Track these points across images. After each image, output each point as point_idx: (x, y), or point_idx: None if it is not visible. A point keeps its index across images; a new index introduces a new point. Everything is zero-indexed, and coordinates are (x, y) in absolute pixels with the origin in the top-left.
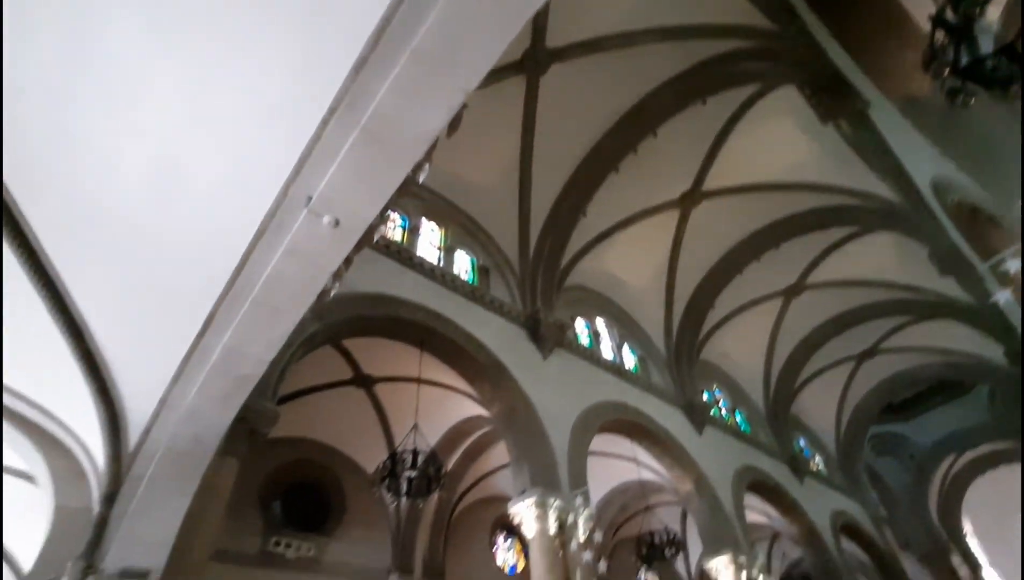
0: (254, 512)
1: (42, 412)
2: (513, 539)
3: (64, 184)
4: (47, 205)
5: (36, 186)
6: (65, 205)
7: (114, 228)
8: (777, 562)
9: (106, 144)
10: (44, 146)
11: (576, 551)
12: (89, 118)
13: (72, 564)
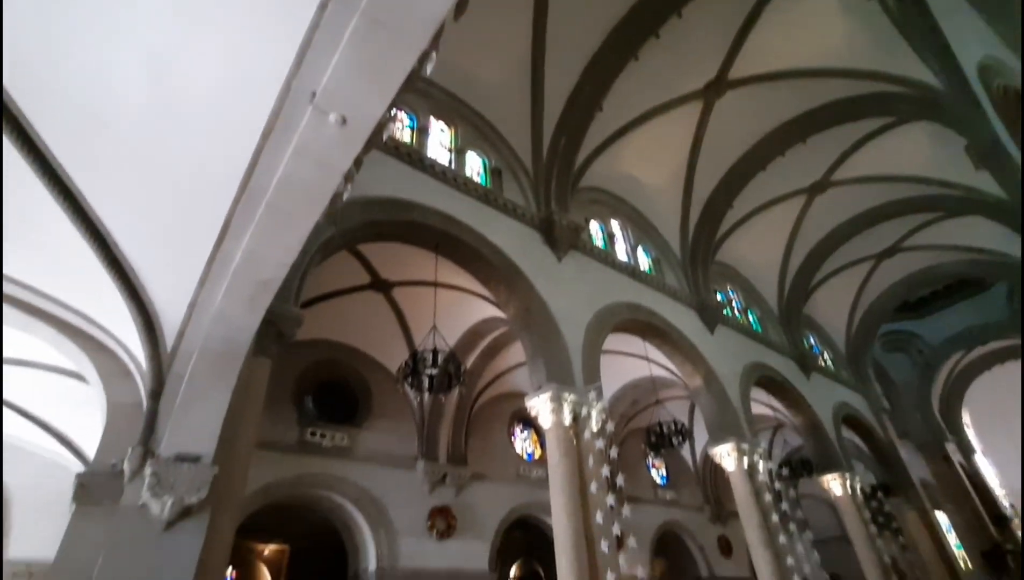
0: (289, 407)
1: (84, 318)
2: (529, 430)
3: (62, 91)
4: (50, 112)
5: (36, 93)
6: (67, 113)
7: (119, 134)
8: (778, 449)
9: (99, 49)
10: (37, 51)
11: (589, 440)
12: (78, 21)
13: (132, 450)
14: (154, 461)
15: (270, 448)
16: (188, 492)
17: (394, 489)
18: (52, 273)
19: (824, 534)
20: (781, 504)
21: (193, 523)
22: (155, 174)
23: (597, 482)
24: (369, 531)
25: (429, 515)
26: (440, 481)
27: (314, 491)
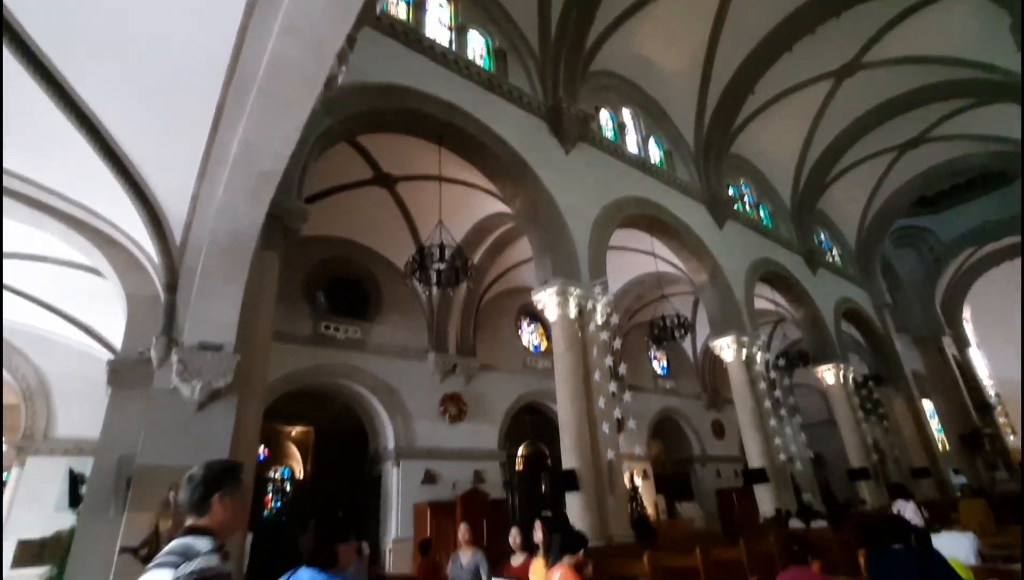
0: (302, 302)
1: (90, 213)
2: (536, 324)
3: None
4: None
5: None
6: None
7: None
8: (777, 342)
9: None
10: None
11: (593, 332)
12: None
13: (156, 340)
14: (179, 349)
15: (287, 340)
16: (214, 377)
17: (407, 378)
18: (55, 168)
19: (812, 419)
20: (774, 392)
21: (223, 405)
22: (139, 59)
23: (600, 371)
24: (386, 415)
25: (441, 401)
26: (451, 371)
27: (332, 380)
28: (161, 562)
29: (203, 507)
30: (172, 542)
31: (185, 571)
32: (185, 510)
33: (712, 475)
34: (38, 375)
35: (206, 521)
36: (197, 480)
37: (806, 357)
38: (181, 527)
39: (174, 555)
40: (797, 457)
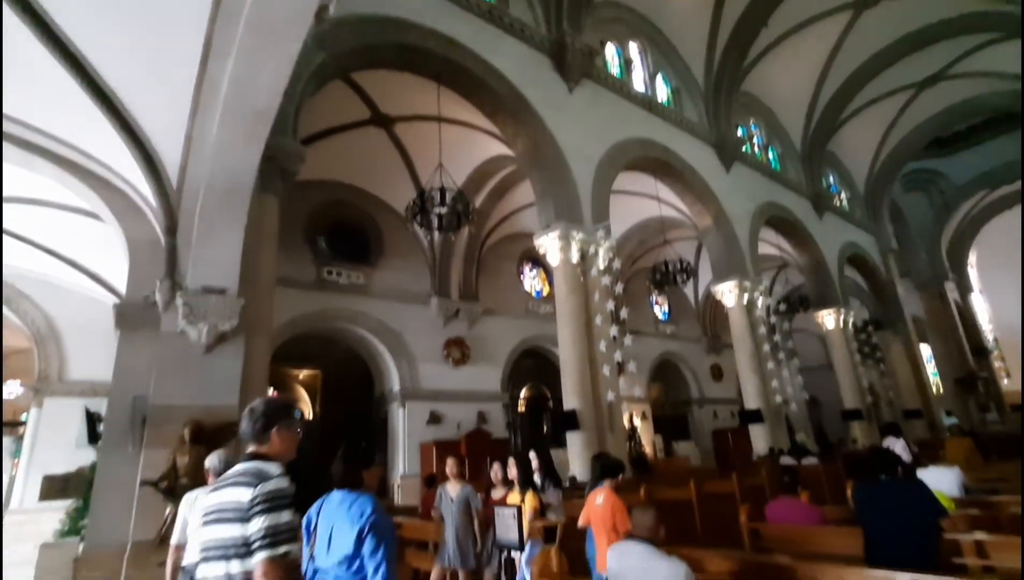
0: (304, 247)
1: (85, 155)
2: (538, 269)
3: None
4: None
5: None
6: None
7: None
8: (779, 286)
9: None
10: None
11: (596, 277)
12: None
13: (160, 284)
14: (183, 293)
15: (291, 285)
16: (220, 320)
17: (411, 322)
18: (48, 110)
19: (810, 363)
20: (774, 336)
21: (230, 347)
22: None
23: (602, 315)
24: (391, 358)
25: (445, 345)
26: (453, 316)
27: (337, 324)
28: (237, 481)
29: (263, 437)
30: (241, 465)
31: (264, 490)
32: (247, 439)
33: (709, 416)
34: (47, 320)
35: (266, 449)
36: (259, 413)
37: (807, 302)
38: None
39: (249, 475)
40: (793, 399)
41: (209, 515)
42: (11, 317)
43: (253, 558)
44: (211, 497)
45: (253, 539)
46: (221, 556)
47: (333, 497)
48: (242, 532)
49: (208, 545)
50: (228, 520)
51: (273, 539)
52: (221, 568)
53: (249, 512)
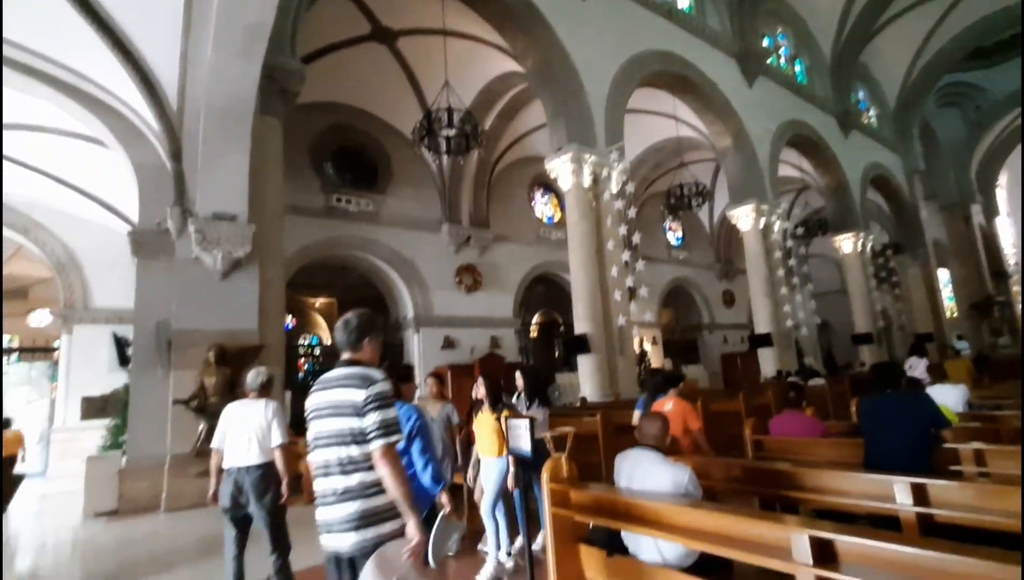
0: (311, 174)
1: (83, 78)
2: (550, 194)
3: None
4: None
5: None
6: None
7: None
8: (798, 209)
9: None
10: None
11: (608, 201)
12: None
13: (170, 210)
14: (194, 220)
15: (301, 213)
16: (233, 246)
17: (422, 250)
18: (47, 34)
19: (824, 288)
20: (789, 261)
21: (245, 273)
22: None
23: (614, 240)
24: (404, 285)
25: (457, 272)
26: (464, 242)
27: (349, 252)
28: (347, 383)
29: (357, 346)
30: (345, 369)
31: (374, 391)
32: (343, 347)
33: (719, 341)
34: (66, 249)
35: (359, 356)
36: (353, 326)
37: (825, 226)
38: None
39: (357, 379)
40: (804, 324)
41: (323, 411)
42: (30, 247)
43: (371, 445)
44: (321, 396)
45: (369, 430)
46: (339, 443)
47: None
48: (358, 424)
49: (324, 434)
50: (344, 415)
51: (386, 430)
52: (342, 452)
53: (364, 409)
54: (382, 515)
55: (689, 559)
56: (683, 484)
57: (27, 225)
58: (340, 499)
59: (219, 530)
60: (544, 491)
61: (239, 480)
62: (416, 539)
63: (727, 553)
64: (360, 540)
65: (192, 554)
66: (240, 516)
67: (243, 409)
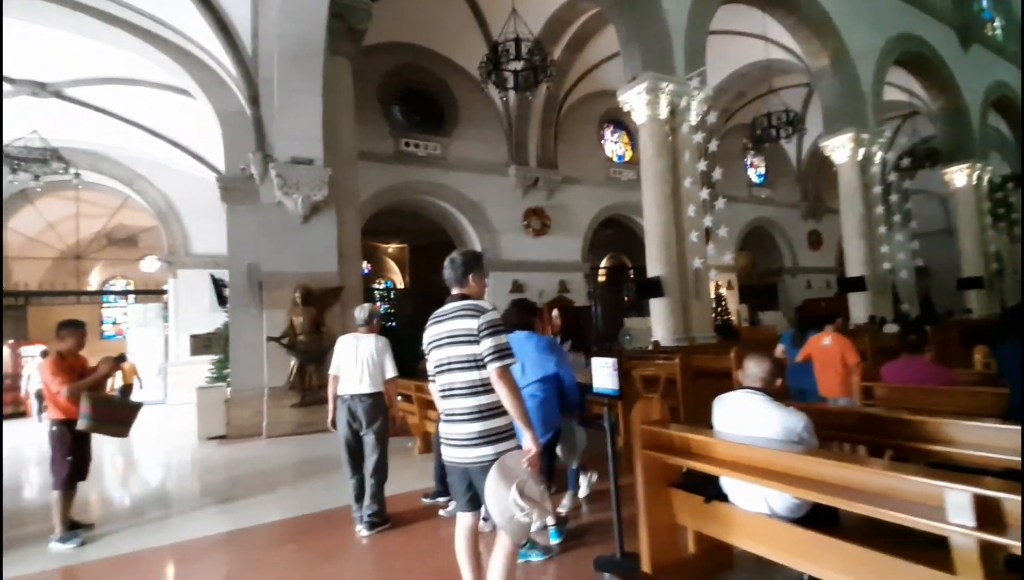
0: (380, 119)
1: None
2: (621, 132)
3: None
4: None
5: None
6: None
7: None
8: (903, 138)
9: None
10: None
11: (687, 134)
12: None
13: (252, 156)
14: (275, 164)
15: (371, 159)
16: (312, 190)
17: (489, 193)
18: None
19: (926, 228)
20: (890, 197)
21: (324, 217)
22: None
23: (691, 177)
24: (472, 229)
25: (524, 215)
26: (532, 185)
27: (418, 197)
28: (462, 314)
29: (464, 281)
30: (457, 302)
31: (486, 319)
32: (451, 283)
33: (802, 286)
34: (165, 199)
35: (466, 290)
36: (459, 262)
37: (935, 156)
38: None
39: (470, 309)
40: (902, 267)
41: (442, 340)
42: (135, 198)
43: (487, 368)
44: (438, 327)
45: (484, 355)
46: (461, 368)
47: (516, 335)
48: (476, 350)
49: (446, 360)
50: (463, 342)
51: (500, 354)
52: (464, 375)
53: (479, 336)
54: (500, 434)
55: (800, 510)
56: (796, 431)
57: (131, 177)
58: (464, 418)
59: (314, 457)
60: (635, 433)
61: (352, 407)
62: (533, 450)
63: (860, 509)
64: (480, 455)
65: (291, 476)
66: (353, 440)
67: (355, 342)
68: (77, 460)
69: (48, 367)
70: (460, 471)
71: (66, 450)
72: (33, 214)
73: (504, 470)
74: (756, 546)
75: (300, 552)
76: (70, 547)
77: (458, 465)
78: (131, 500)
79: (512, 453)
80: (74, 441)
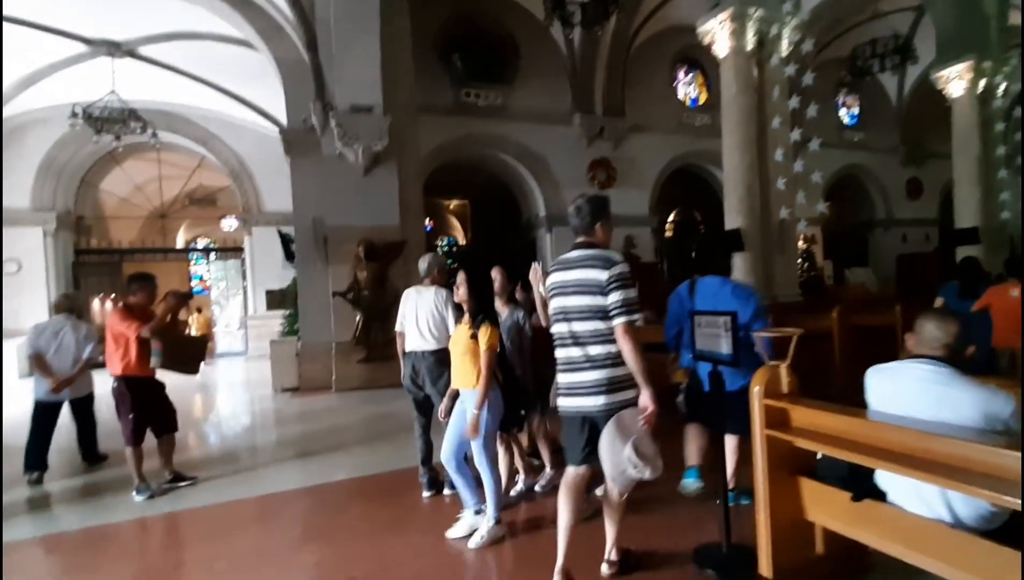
0: (439, 69)
1: None
2: (695, 72)
3: None
4: None
5: None
6: None
7: None
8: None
9: None
10: None
11: (776, 68)
12: None
13: (313, 105)
14: (335, 113)
15: (431, 112)
16: (371, 140)
17: (552, 144)
18: None
19: None
20: (1016, 135)
21: (385, 169)
22: None
23: (780, 117)
24: (535, 183)
25: (589, 167)
26: (597, 134)
27: (478, 150)
28: (590, 265)
29: (591, 230)
30: (584, 250)
31: (616, 271)
32: (578, 231)
33: (896, 240)
34: (237, 158)
35: (592, 238)
36: (586, 210)
37: None
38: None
39: (599, 260)
40: None
41: (567, 288)
42: (209, 157)
43: (614, 321)
44: (563, 275)
45: (612, 307)
46: (586, 317)
47: (711, 281)
48: (602, 302)
49: (571, 309)
50: (589, 292)
51: (628, 308)
52: (589, 325)
53: (607, 288)
54: (624, 383)
55: (996, 520)
56: (1002, 418)
57: (205, 136)
58: (589, 366)
59: (382, 413)
60: (754, 408)
61: (416, 364)
62: (650, 408)
63: None
64: (607, 402)
65: (359, 433)
66: (420, 397)
67: (417, 296)
68: (142, 415)
69: (117, 315)
70: (578, 421)
71: (128, 407)
72: (121, 175)
73: (621, 426)
74: (925, 559)
75: (365, 516)
76: (141, 499)
77: (578, 413)
78: (215, 451)
79: (630, 410)
80: (137, 397)
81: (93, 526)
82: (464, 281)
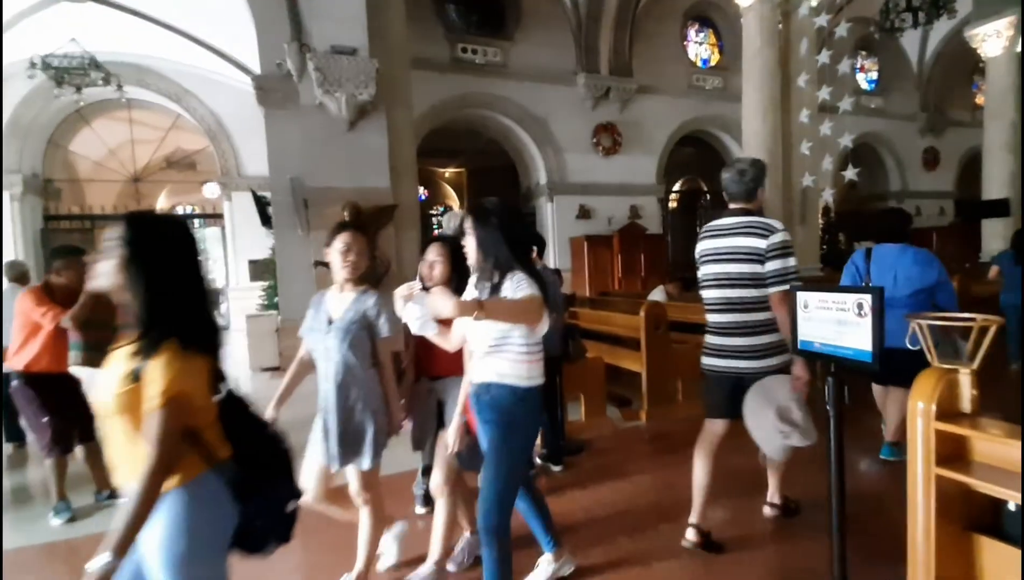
0: (434, 21)
1: None
2: (707, 30)
3: None
4: None
5: None
6: None
7: None
8: None
9: None
10: None
11: (803, 20)
12: None
13: (288, 47)
14: (313, 56)
15: (425, 67)
16: (357, 87)
17: (555, 106)
18: None
19: None
20: None
21: (373, 122)
22: None
23: (807, 74)
24: (536, 148)
25: (594, 132)
26: (603, 96)
27: (476, 111)
28: (748, 232)
29: (752, 195)
30: (740, 217)
31: (776, 240)
32: (738, 197)
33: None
34: (214, 116)
35: (751, 205)
36: (749, 176)
37: None
38: None
39: (759, 227)
40: None
41: (722, 254)
42: (185, 115)
43: (769, 289)
44: (715, 241)
45: (770, 276)
46: (740, 285)
47: (890, 248)
48: (758, 269)
49: (724, 275)
50: (745, 260)
51: (784, 278)
52: (743, 292)
53: (766, 256)
54: (778, 348)
55: None
56: None
57: (179, 93)
58: (745, 332)
59: None
60: (915, 431)
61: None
62: (802, 376)
63: None
64: (763, 365)
65: None
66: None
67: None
68: (60, 418)
69: (31, 298)
70: (727, 380)
71: (39, 410)
72: (91, 137)
73: (765, 393)
74: None
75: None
76: (60, 522)
77: (730, 373)
78: None
79: (775, 377)
80: (47, 398)
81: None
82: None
